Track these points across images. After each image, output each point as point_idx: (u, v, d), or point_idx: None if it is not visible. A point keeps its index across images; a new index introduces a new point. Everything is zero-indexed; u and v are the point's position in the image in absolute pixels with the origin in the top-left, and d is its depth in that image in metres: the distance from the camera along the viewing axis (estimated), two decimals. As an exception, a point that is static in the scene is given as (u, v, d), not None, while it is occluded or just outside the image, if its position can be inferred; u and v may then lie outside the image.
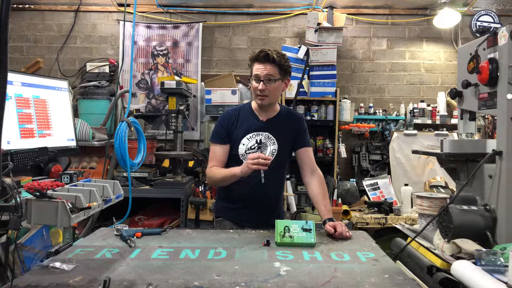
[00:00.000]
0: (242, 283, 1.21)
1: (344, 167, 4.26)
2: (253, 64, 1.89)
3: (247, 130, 1.95)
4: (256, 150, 1.92)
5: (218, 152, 1.96)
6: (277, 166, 1.93)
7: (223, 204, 2.04)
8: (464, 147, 1.68)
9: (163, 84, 3.43)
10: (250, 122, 1.97)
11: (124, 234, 1.63)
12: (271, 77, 1.85)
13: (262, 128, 1.96)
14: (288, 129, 1.99)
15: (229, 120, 1.98)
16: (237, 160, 1.92)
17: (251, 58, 1.89)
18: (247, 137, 1.94)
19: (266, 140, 1.95)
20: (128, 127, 2.21)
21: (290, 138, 1.99)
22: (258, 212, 1.96)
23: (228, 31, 4.37)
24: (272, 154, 1.93)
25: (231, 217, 2.01)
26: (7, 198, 1.20)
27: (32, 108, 2.11)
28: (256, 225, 1.90)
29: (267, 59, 1.84)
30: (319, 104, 3.96)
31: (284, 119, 2.00)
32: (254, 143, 1.94)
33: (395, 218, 3.38)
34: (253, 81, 1.89)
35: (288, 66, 1.91)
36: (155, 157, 3.83)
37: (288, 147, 2.00)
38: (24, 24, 4.36)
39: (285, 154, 2.00)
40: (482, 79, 1.53)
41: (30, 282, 1.19)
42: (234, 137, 1.95)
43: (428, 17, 4.30)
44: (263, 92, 1.87)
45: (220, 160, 1.95)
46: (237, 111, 2.01)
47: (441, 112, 4.16)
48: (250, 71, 1.92)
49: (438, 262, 1.42)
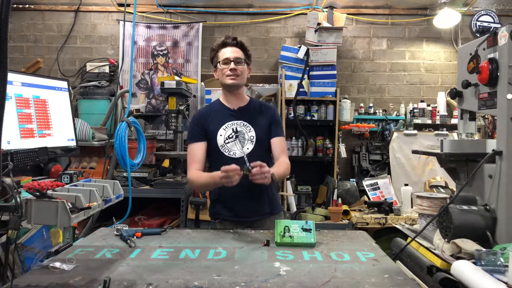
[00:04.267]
0: (242, 283, 1.21)
1: (344, 167, 4.26)
2: (219, 50, 1.98)
3: (221, 121, 1.98)
4: (235, 139, 1.94)
5: (196, 151, 1.97)
6: (260, 153, 1.93)
7: (217, 205, 2.02)
8: (464, 147, 1.68)
9: (163, 84, 3.43)
10: (222, 113, 2.01)
11: (124, 234, 1.64)
12: (240, 59, 1.95)
13: (235, 116, 1.99)
14: (263, 117, 2.02)
15: (201, 117, 2.02)
16: (217, 153, 1.94)
17: (217, 45, 1.99)
18: (223, 128, 1.96)
19: (242, 128, 1.97)
20: (128, 127, 2.22)
21: (266, 125, 2.01)
22: (253, 203, 1.95)
23: (228, 31, 4.36)
24: (251, 140, 1.95)
25: (228, 216, 1.99)
26: (7, 198, 1.20)
27: (32, 108, 2.11)
28: (255, 218, 1.92)
29: (235, 44, 1.96)
30: (319, 104, 3.96)
31: (257, 108, 2.05)
32: (231, 132, 1.96)
33: (395, 218, 3.38)
34: (222, 65, 1.95)
35: (250, 55, 2.04)
36: (155, 157, 3.82)
37: (266, 133, 2.00)
38: (24, 24, 4.35)
39: (265, 141, 2.00)
40: (482, 79, 1.53)
41: (30, 282, 1.19)
42: (210, 130, 1.97)
43: (428, 17, 4.30)
44: (235, 72, 1.93)
45: (200, 160, 1.96)
46: (207, 108, 2.09)
47: (441, 112, 4.16)
48: (214, 60, 2.00)
49: (438, 262, 1.42)
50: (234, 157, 1.92)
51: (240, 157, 1.90)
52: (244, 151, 1.92)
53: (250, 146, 1.94)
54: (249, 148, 1.94)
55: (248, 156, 1.88)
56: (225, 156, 1.93)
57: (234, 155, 1.93)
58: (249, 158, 1.86)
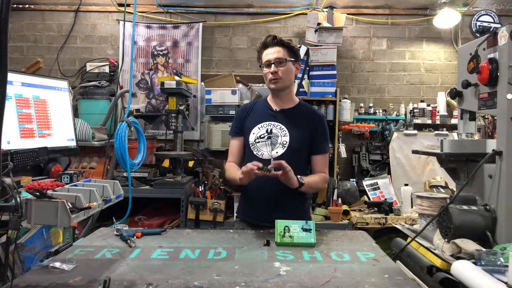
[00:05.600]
0: (242, 283, 1.21)
1: (344, 167, 4.26)
2: (262, 52, 1.91)
3: (258, 119, 1.94)
4: (266, 140, 1.89)
5: (233, 146, 1.99)
6: (290, 160, 1.75)
7: (242, 203, 2.00)
8: (464, 147, 1.67)
9: (163, 84, 3.43)
10: (262, 111, 1.97)
11: (124, 234, 1.64)
12: (282, 59, 1.86)
13: (274, 118, 1.93)
14: (305, 125, 1.91)
15: (243, 112, 2.01)
16: (248, 150, 1.93)
17: (259, 47, 1.92)
18: (258, 126, 1.92)
19: (278, 130, 1.90)
20: (128, 127, 2.21)
21: (305, 134, 1.90)
22: (278, 211, 1.81)
23: (228, 31, 4.37)
24: (283, 145, 1.87)
25: (249, 217, 1.94)
26: (7, 198, 1.20)
27: (32, 108, 2.11)
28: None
29: (275, 42, 1.88)
30: (319, 104, 3.96)
31: (302, 113, 1.94)
32: (264, 133, 1.91)
33: (395, 218, 3.38)
34: (264, 68, 1.89)
35: (297, 49, 1.93)
36: (155, 157, 3.83)
37: (303, 142, 1.89)
38: (24, 24, 4.36)
39: (299, 149, 1.88)
40: (482, 79, 1.53)
41: (30, 282, 1.19)
42: (246, 126, 1.95)
43: (428, 17, 4.30)
44: (276, 75, 1.86)
45: (235, 154, 1.98)
46: (252, 103, 2.05)
47: (441, 112, 4.15)
48: (260, 62, 1.93)
49: (438, 262, 1.42)
50: (261, 157, 1.87)
51: (267, 159, 1.81)
52: (273, 154, 1.85)
53: (281, 151, 1.86)
54: (279, 152, 1.86)
55: (276, 159, 1.74)
56: (253, 154, 1.90)
57: (262, 156, 1.87)
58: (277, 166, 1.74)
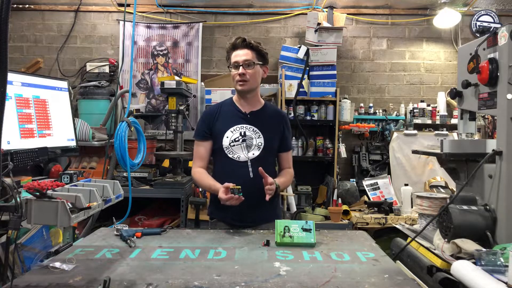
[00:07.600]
0: (242, 283, 1.21)
1: (344, 167, 4.26)
2: (231, 53, 1.93)
3: (230, 122, 1.95)
4: (241, 143, 1.92)
5: (201, 150, 1.99)
6: (266, 161, 1.92)
7: (216, 204, 1.97)
8: (464, 147, 1.67)
9: (163, 84, 3.43)
10: (232, 113, 1.97)
11: (124, 234, 1.64)
12: (250, 61, 1.88)
13: (246, 120, 1.96)
14: (275, 125, 2.00)
15: (210, 115, 2.00)
16: (222, 153, 1.93)
17: (229, 48, 1.94)
18: (231, 130, 1.94)
19: (251, 133, 1.94)
20: (128, 127, 2.21)
21: (276, 134, 1.99)
22: (252, 210, 1.88)
23: (228, 31, 4.37)
24: (258, 147, 1.93)
25: (224, 218, 1.96)
26: (7, 198, 1.20)
27: (32, 108, 2.11)
28: (251, 225, 1.87)
29: (245, 45, 1.90)
30: (319, 104, 3.96)
31: (270, 114, 2.02)
32: (238, 136, 1.93)
33: (395, 218, 3.38)
34: (232, 69, 1.91)
35: (265, 53, 1.96)
36: (155, 157, 3.82)
37: (275, 142, 1.99)
38: (24, 24, 4.35)
39: (273, 149, 1.99)
40: (482, 79, 1.53)
41: (30, 282, 1.19)
42: (217, 130, 1.95)
43: (428, 17, 4.30)
44: (243, 77, 1.88)
45: (205, 158, 1.99)
46: (219, 106, 2.04)
47: (441, 112, 4.16)
48: (228, 62, 1.95)
49: (438, 262, 1.42)
50: (238, 160, 1.91)
51: (244, 162, 1.90)
52: (249, 156, 1.91)
53: (256, 152, 1.92)
54: (255, 154, 1.92)
55: (253, 161, 1.89)
56: (229, 158, 1.91)
57: (238, 159, 1.91)
58: (253, 163, 1.87)
